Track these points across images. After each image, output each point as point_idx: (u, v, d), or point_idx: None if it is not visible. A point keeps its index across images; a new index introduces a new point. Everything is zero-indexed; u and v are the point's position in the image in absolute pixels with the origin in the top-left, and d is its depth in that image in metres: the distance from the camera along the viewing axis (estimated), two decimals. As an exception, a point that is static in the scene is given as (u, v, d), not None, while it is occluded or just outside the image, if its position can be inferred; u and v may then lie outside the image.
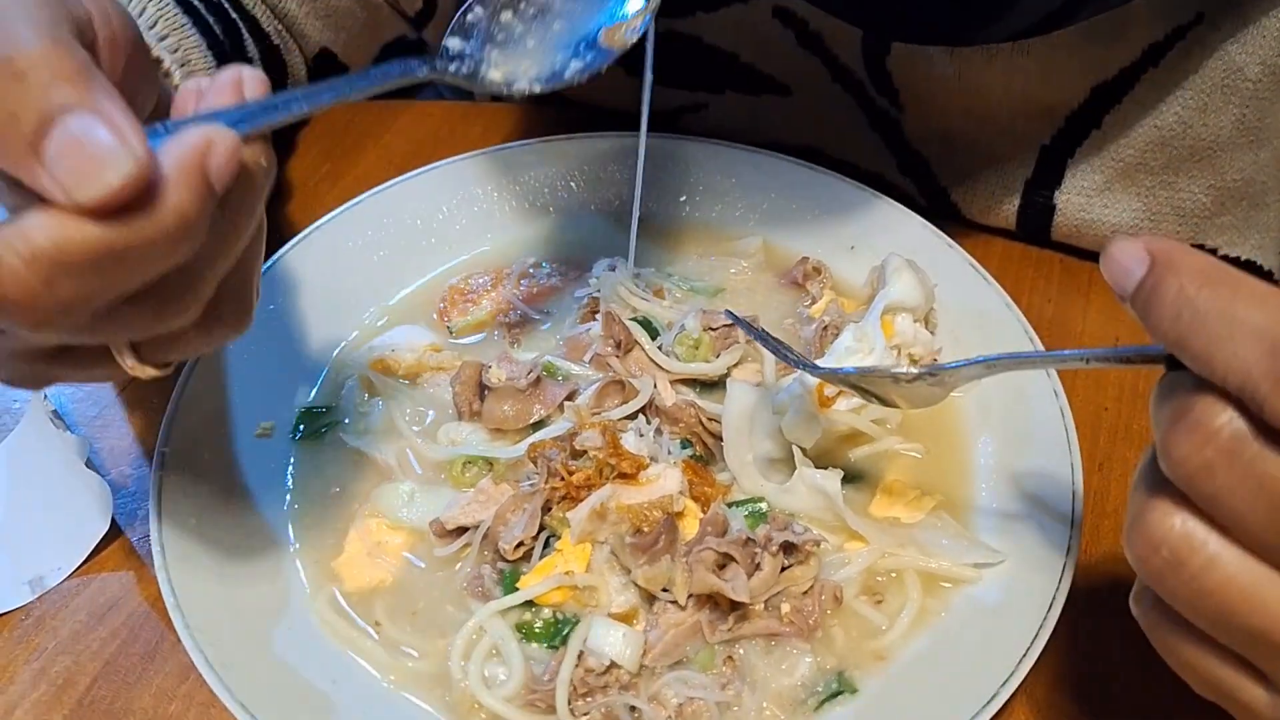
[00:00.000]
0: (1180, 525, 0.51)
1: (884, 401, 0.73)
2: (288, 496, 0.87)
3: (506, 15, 0.70)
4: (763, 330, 0.84)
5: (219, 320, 0.62)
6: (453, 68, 0.67)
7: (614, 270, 0.98)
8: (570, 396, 0.89)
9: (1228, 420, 0.48)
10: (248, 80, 0.58)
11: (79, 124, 0.48)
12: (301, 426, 0.91)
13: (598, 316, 0.95)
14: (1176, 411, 0.50)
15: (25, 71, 0.48)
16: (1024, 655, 0.72)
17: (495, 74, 0.68)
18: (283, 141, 1.22)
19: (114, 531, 0.89)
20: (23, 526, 0.89)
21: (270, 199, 1.14)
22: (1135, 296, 0.52)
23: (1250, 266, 1.02)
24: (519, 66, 0.69)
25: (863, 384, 0.73)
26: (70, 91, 0.49)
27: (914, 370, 0.69)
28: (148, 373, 0.62)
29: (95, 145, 0.48)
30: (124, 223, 0.49)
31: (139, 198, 0.49)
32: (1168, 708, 0.75)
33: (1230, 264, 0.51)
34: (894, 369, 0.70)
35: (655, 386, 0.89)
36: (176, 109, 0.59)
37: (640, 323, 0.93)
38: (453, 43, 0.68)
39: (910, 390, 0.70)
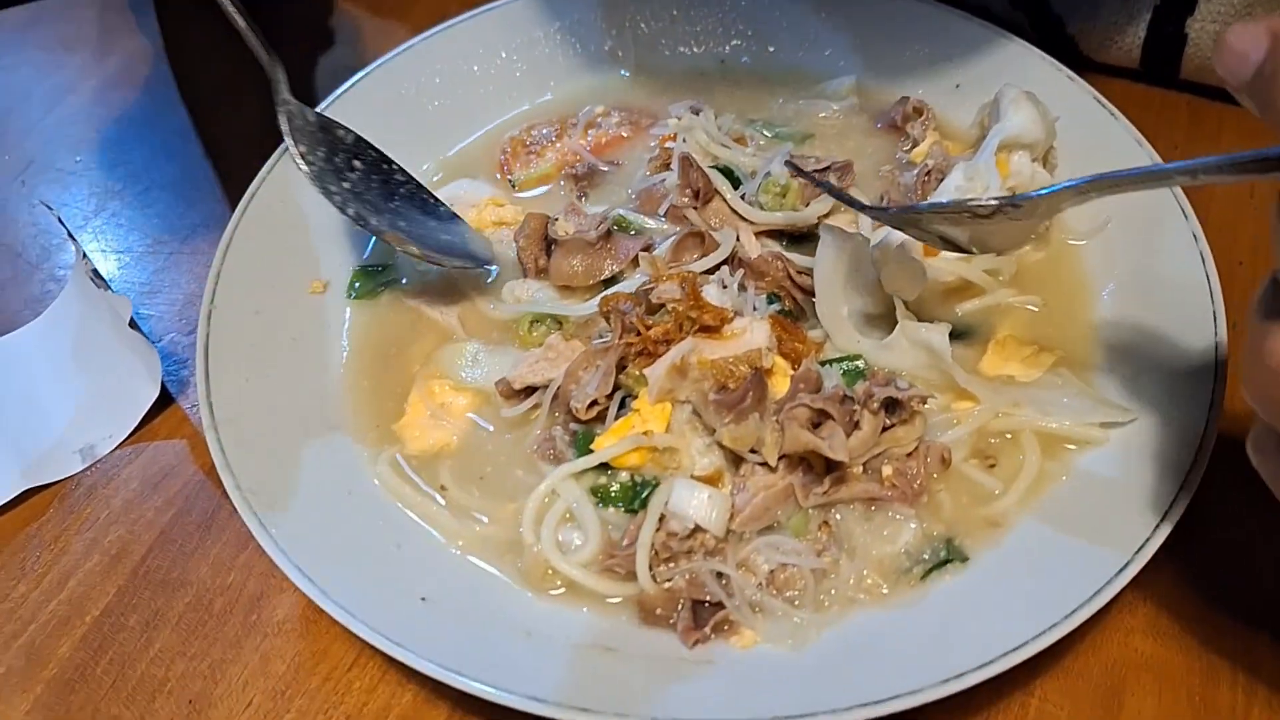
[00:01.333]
0: None
1: (958, 247, 0.65)
2: (344, 356, 0.82)
3: None
4: (824, 179, 0.76)
5: None
6: None
7: (697, 114, 0.89)
8: (645, 250, 0.82)
9: None
10: None
11: None
12: (357, 285, 0.85)
13: (672, 166, 0.86)
14: None
15: None
16: (1159, 524, 0.64)
17: None
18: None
19: (166, 400, 0.86)
20: (72, 393, 0.86)
21: (314, 49, 1.09)
22: (1253, 84, 0.45)
23: None
24: None
25: (935, 226, 0.64)
26: None
27: (992, 201, 0.60)
28: None
29: None
30: None
31: None
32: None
33: None
34: (969, 201, 0.61)
35: (739, 239, 0.80)
36: None
37: (722, 171, 0.85)
38: None
39: (993, 228, 0.61)
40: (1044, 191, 0.58)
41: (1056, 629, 0.61)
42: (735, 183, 0.85)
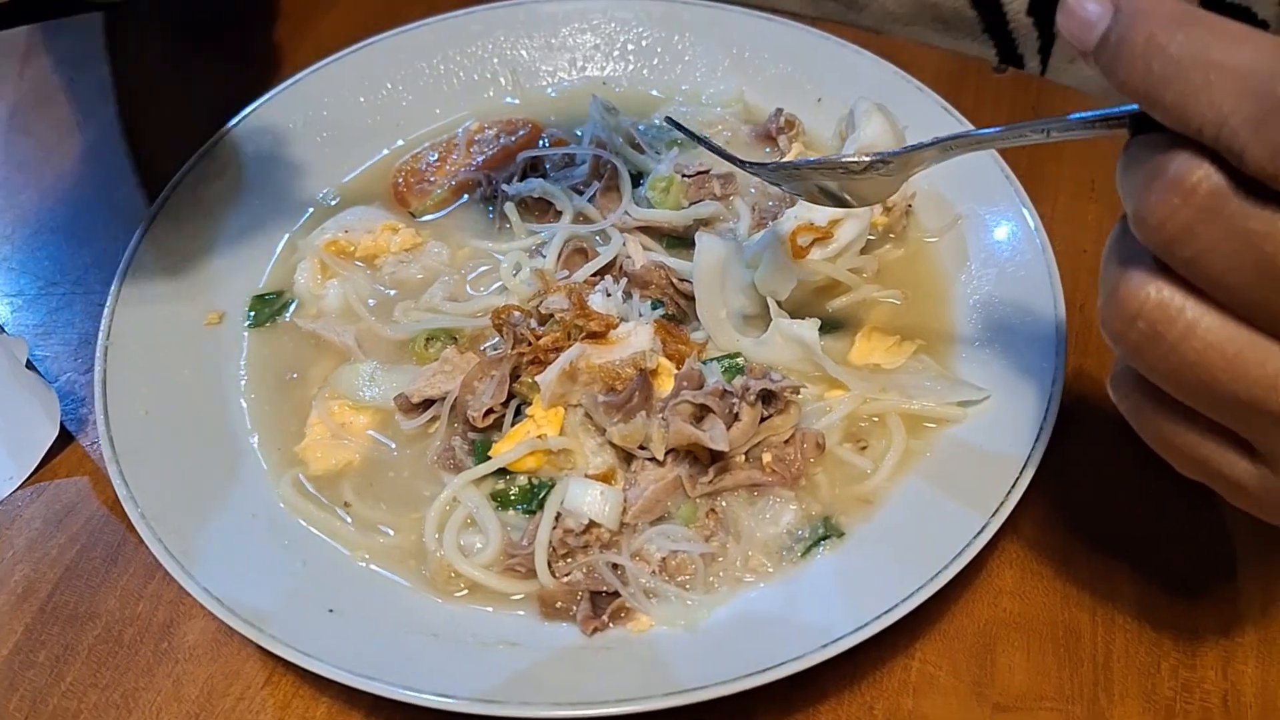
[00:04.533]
0: (1156, 294, 0.49)
1: (840, 202, 0.69)
2: (243, 385, 0.83)
3: None
4: (704, 136, 0.79)
5: None
6: None
7: (611, 111, 0.95)
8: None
9: (1205, 175, 0.45)
10: None
11: None
12: (253, 313, 0.88)
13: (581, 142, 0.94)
14: (1150, 174, 0.47)
15: None
16: (1012, 487, 0.70)
17: None
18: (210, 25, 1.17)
19: (66, 438, 0.86)
20: (-32, 438, 0.85)
21: (200, 86, 1.10)
22: (1100, 50, 0.48)
23: (1245, 14, 0.96)
24: None
25: (814, 180, 0.69)
26: None
27: (865, 159, 0.65)
28: None
29: None
30: None
31: None
32: (1155, 535, 0.75)
33: (1224, 13, 0.48)
34: (843, 158, 0.66)
35: (625, 245, 0.85)
36: None
37: (632, 175, 0.91)
38: None
39: (862, 182, 0.66)
40: (911, 148, 0.63)
41: (924, 590, 0.66)
42: (637, 183, 0.91)
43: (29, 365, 0.85)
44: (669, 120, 0.81)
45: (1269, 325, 0.48)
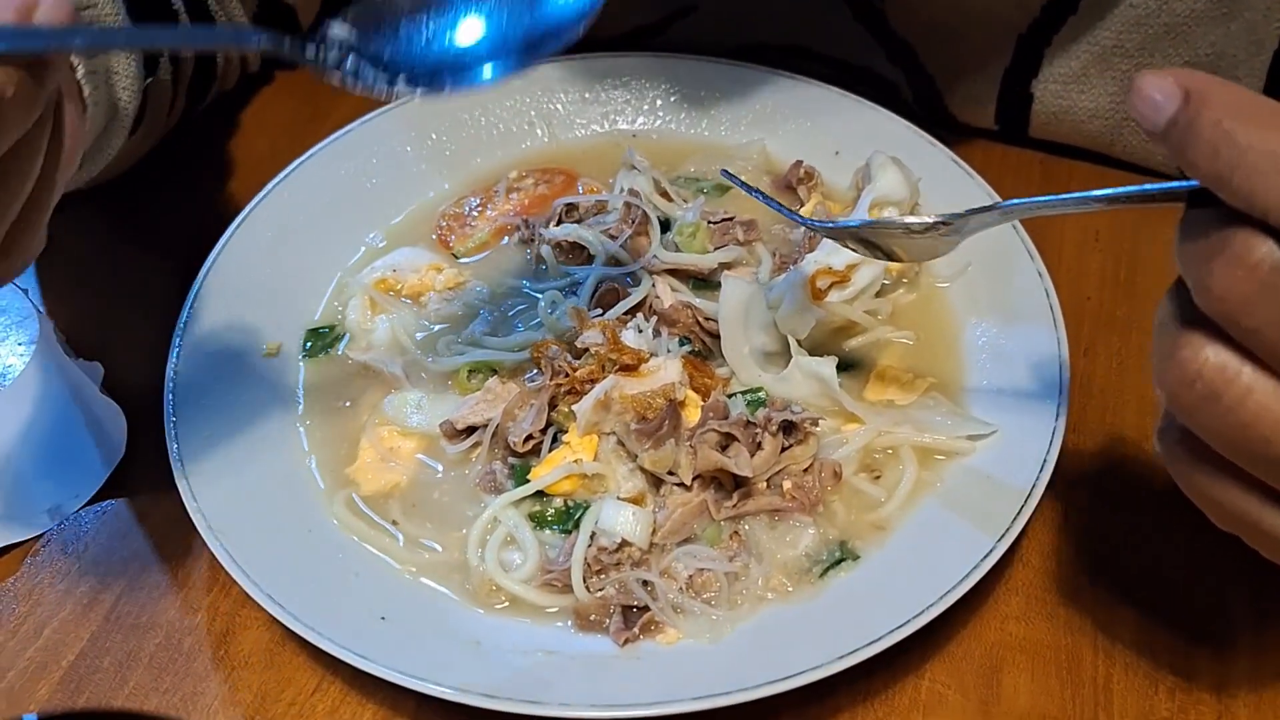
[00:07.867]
0: (1215, 357, 0.51)
1: (888, 255, 0.72)
2: (299, 411, 0.89)
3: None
4: (760, 191, 0.83)
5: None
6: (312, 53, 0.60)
7: (641, 161, 1.01)
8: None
9: (1268, 252, 0.48)
10: (44, 4, 0.56)
11: None
12: (308, 344, 0.94)
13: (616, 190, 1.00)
14: (1213, 246, 0.49)
15: None
16: (1015, 518, 0.75)
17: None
18: (261, 81, 1.24)
19: (127, 458, 0.91)
20: (40, 456, 0.91)
21: (251, 139, 1.17)
22: (1169, 132, 0.50)
23: None
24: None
25: (869, 236, 0.71)
26: None
27: (927, 220, 0.66)
28: None
29: None
30: None
31: None
32: (1153, 572, 0.80)
33: None
34: (906, 219, 0.68)
35: (654, 287, 0.91)
36: None
37: (661, 221, 0.97)
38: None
39: (920, 242, 0.68)
40: (972, 211, 0.64)
41: (933, 609, 0.70)
42: (665, 229, 0.97)
43: (101, 388, 0.91)
44: (725, 173, 0.86)
45: None
